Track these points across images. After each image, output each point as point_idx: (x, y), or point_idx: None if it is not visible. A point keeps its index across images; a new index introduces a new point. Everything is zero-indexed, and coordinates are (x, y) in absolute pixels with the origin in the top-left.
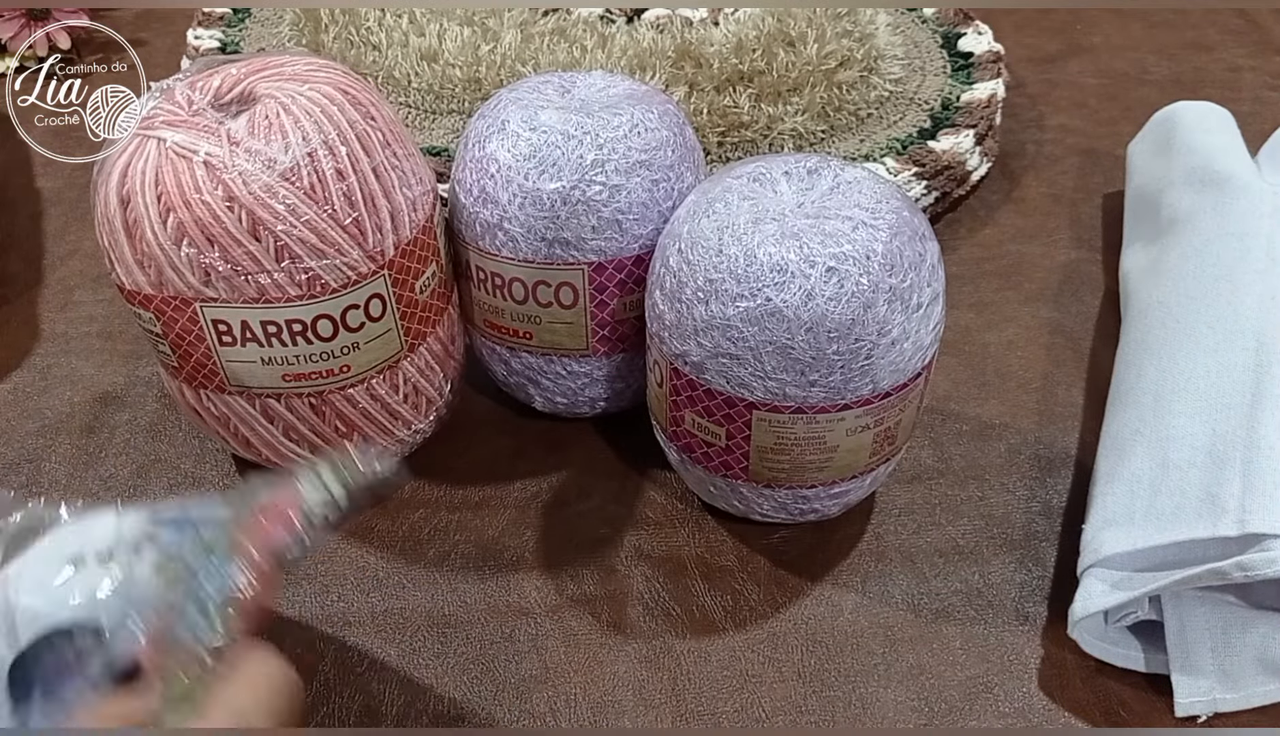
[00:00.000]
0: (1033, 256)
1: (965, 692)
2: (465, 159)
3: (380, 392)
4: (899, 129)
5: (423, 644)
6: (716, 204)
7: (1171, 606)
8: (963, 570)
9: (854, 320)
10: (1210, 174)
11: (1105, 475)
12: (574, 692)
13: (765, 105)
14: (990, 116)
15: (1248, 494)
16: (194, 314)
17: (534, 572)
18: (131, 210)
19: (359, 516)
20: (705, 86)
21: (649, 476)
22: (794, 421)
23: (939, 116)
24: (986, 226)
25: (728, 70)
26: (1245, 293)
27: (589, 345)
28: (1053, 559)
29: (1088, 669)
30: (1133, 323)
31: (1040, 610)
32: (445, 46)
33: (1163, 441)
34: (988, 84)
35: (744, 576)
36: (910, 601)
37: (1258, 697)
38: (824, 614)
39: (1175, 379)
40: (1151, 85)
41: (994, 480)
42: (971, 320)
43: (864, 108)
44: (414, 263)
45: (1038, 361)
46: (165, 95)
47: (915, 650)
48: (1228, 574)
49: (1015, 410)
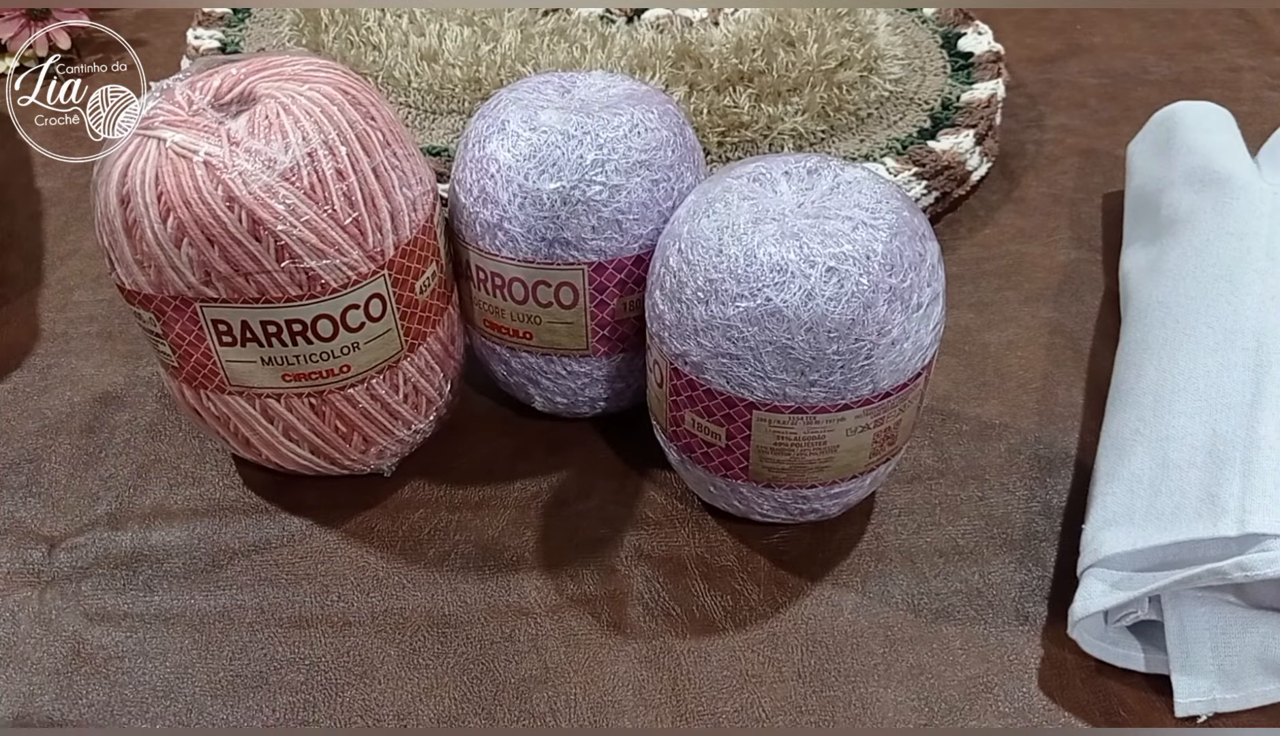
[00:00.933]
0: (1033, 256)
1: (965, 692)
2: (465, 159)
3: (380, 392)
4: (899, 129)
5: (423, 644)
6: (716, 204)
7: (1171, 606)
8: (963, 570)
9: (854, 320)
10: (1210, 174)
11: (1105, 475)
12: (574, 692)
13: (765, 105)
14: (990, 116)
15: (1248, 494)
16: (194, 314)
17: (534, 572)
18: (131, 210)
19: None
20: (705, 86)
21: (649, 476)
22: (794, 421)
23: (939, 116)
24: (986, 226)
25: (728, 70)
26: (1245, 292)
27: (589, 345)
28: (1053, 559)
29: (1088, 669)
30: (1133, 322)
31: (1040, 610)
32: (445, 46)
33: (1163, 441)
34: (988, 84)
35: (744, 576)
36: (910, 601)
37: (1258, 698)
38: (824, 614)
39: (1175, 379)
40: (1151, 85)
41: (994, 480)
42: (971, 320)
43: (864, 108)
44: (414, 263)
45: (1038, 361)
46: (165, 95)
47: (915, 650)
48: (1228, 574)
49: (1015, 410)
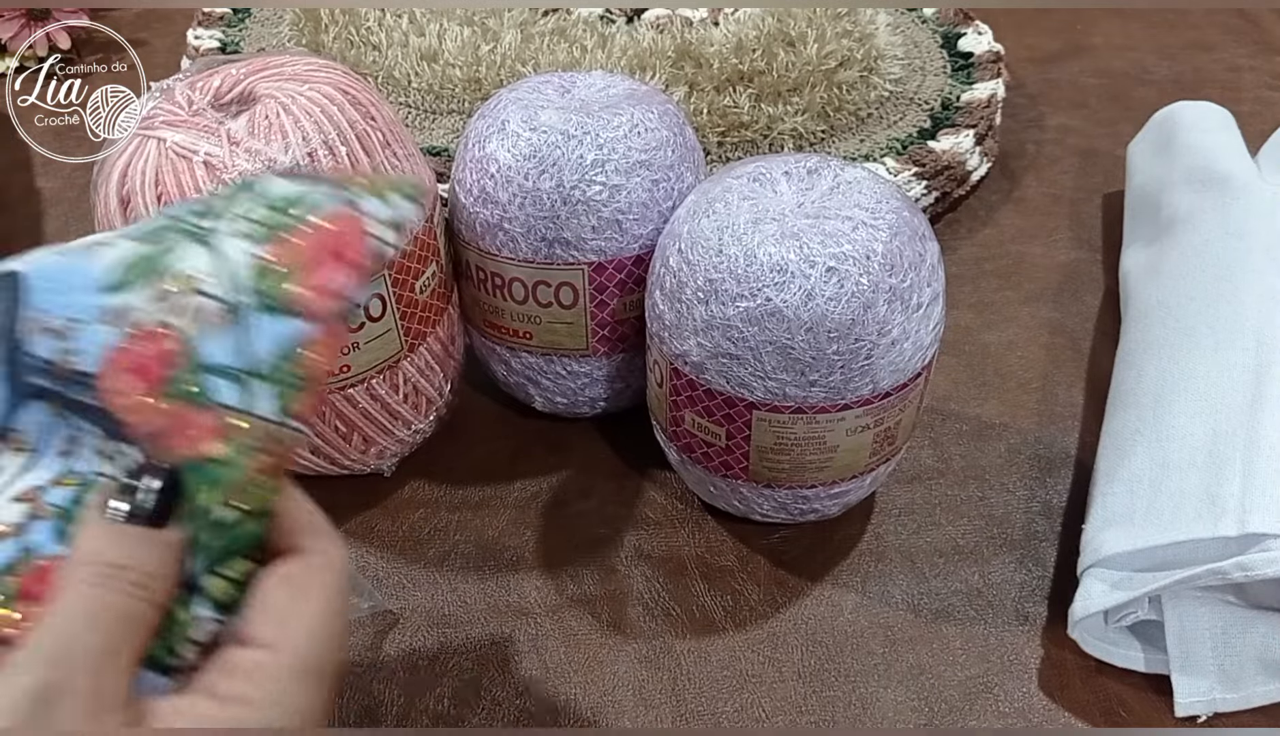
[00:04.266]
0: (1033, 256)
1: (965, 692)
2: (465, 159)
3: (380, 393)
4: (899, 129)
5: (423, 644)
6: (716, 204)
7: (1171, 606)
8: (963, 570)
9: (854, 320)
10: (1210, 174)
11: (1105, 475)
12: (574, 692)
13: (765, 105)
14: (990, 116)
15: (1248, 494)
16: None
17: (534, 572)
18: (131, 210)
19: (359, 516)
20: (705, 86)
21: (649, 476)
22: (794, 421)
23: (939, 116)
24: (986, 226)
25: (728, 70)
26: (1245, 292)
27: (589, 345)
28: (1053, 559)
29: (1088, 669)
30: (1133, 322)
31: (1040, 610)
32: (445, 46)
33: (1163, 441)
34: (988, 84)
35: (744, 576)
36: (910, 601)
37: (1258, 697)
38: (824, 614)
39: (1175, 379)
40: (1151, 85)
41: (994, 480)
42: (971, 320)
43: (864, 108)
44: (414, 263)
45: (1038, 361)
46: (165, 95)
47: (915, 650)
48: (1228, 574)
49: (1015, 410)
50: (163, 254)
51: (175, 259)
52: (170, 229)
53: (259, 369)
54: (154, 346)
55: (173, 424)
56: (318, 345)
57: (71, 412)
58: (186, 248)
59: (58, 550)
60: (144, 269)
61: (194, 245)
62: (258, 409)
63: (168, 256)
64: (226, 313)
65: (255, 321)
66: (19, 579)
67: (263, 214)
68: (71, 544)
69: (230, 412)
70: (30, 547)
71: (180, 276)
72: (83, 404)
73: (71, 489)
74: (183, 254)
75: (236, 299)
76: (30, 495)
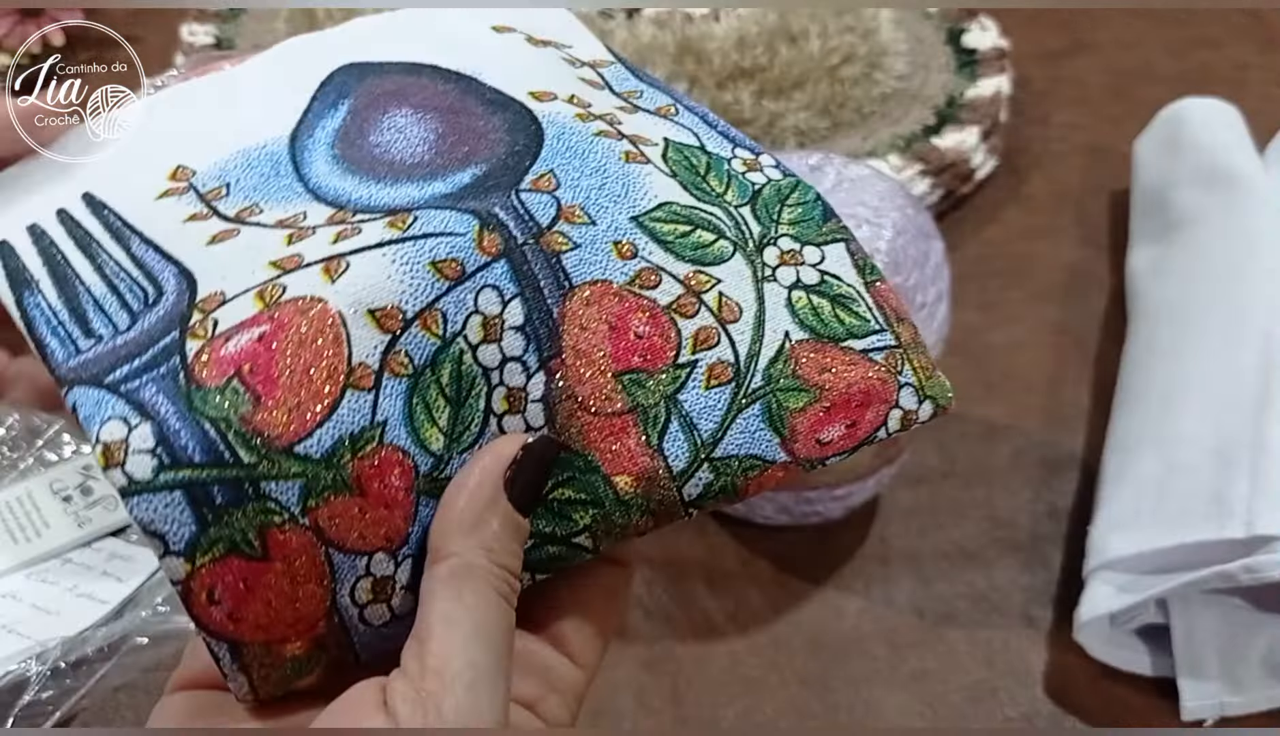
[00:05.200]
0: (1038, 255)
1: (970, 697)
2: None
3: None
4: (903, 126)
5: None
6: None
7: (1178, 609)
8: (967, 573)
9: None
10: (1217, 172)
11: (1112, 477)
12: None
13: (767, 101)
14: (995, 113)
15: (1255, 496)
16: None
17: None
18: None
19: None
20: (706, 82)
21: None
22: None
23: (943, 113)
24: (991, 224)
25: (729, 66)
26: (1253, 293)
27: None
28: (1058, 562)
29: (1093, 673)
30: (1140, 322)
31: (1046, 613)
32: None
33: (1170, 443)
34: (993, 80)
35: (746, 580)
36: (914, 605)
37: (1265, 701)
38: (827, 618)
39: (1183, 380)
40: (1158, 82)
41: (999, 482)
42: (976, 320)
43: (867, 104)
44: None
45: (1043, 362)
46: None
47: (919, 654)
48: (1235, 576)
49: (1021, 411)
50: (708, 241)
51: (713, 259)
52: (720, 213)
53: (709, 449)
54: (657, 330)
55: (606, 425)
56: (767, 475)
57: (516, 278)
58: (731, 265)
59: (402, 441)
60: (683, 237)
61: (739, 264)
62: (686, 484)
63: (711, 248)
64: (727, 367)
65: (742, 403)
66: (359, 464)
67: (818, 300)
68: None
69: (664, 464)
70: (383, 423)
71: (708, 283)
72: (537, 287)
73: (433, 341)
74: (724, 269)
75: (746, 368)
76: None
